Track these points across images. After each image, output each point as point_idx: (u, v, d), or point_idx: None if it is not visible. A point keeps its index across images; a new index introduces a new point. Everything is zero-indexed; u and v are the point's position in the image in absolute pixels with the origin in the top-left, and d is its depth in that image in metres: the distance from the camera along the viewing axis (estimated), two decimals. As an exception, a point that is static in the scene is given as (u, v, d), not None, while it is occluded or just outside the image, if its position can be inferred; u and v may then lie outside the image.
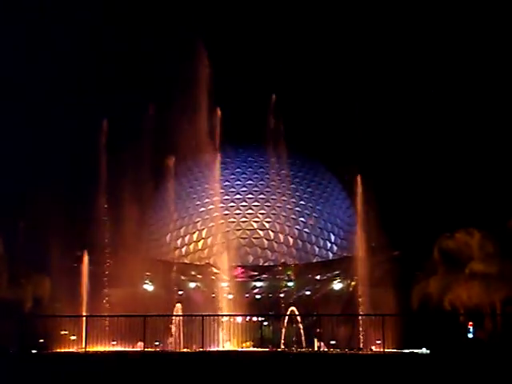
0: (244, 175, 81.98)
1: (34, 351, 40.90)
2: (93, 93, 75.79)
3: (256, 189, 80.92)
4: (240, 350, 47.80)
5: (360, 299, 53.95)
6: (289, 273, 68.15)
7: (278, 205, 79.52)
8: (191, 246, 78.35)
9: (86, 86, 75.41)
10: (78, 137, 67.81)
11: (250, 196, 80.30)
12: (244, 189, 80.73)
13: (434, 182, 70.00)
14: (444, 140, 73.32)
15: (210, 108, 58.00)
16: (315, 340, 50.83)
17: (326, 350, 47.16)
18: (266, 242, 78.23)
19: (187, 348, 45.54)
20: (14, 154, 66.18)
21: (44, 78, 73.47)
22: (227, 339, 49.38)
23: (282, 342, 50.75)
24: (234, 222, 77.76)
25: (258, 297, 72.27)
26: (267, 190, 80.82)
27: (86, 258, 54.26)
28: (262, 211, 79.48)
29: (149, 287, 65.68)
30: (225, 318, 49.76)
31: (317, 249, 78.55)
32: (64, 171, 58.09)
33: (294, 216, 79.07)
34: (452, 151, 72.31)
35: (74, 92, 74.56)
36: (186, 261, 75.71)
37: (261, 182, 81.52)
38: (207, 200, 77.50)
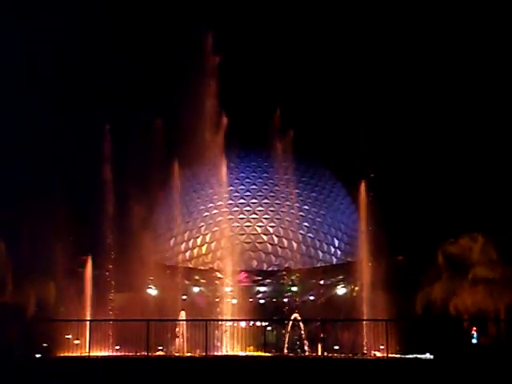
0: (248, 180, 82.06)
1: (37, 355, 40.98)
2: (97, 98, 76.03)
3: (260, 193, 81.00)
4: (243, 354, 47.82)
5: (364, 304, 53.92)
6: (293, 277, 68.09)
7: (282, 209, 79.58)
8: (195, 251, 78.42)
9: (93, 94, 75.67)
10: (81, 141, 68.05)
11: (253, 201, 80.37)
12: (248, 193, 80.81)
13: (438, 187, 69.98)
14: (448, 145, 73.32)
15: (215, 112, 58.05)
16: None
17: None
18: (269, 246, 78.28)
19: (191, 353, 45.55)
20: (16, 156, 66.36)
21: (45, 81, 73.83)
22: (231, 344, 49.37)
23: (286, 346, 50.73)
24: (237, 226, 77.82)
25: (261, 301, 72.27)
26: (271, 194, 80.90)
27: (89, 263, 54.35)
28: (266, 216, 79.54)
29: (152, 292, 65.68)
30: (228, 323, 49.74)
31: (321, 254, 78.56)
32: (68, 176, 58.15)
33: (297, 221, 79.08)
34: (456, 157, 72.31)
35: (81, 98, 74.80)
36: (189, 265, 75.77)
37: (265, 187, 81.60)
38: (211, 205, 77.55)
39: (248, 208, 79.84)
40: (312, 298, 71.58)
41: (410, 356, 41.75)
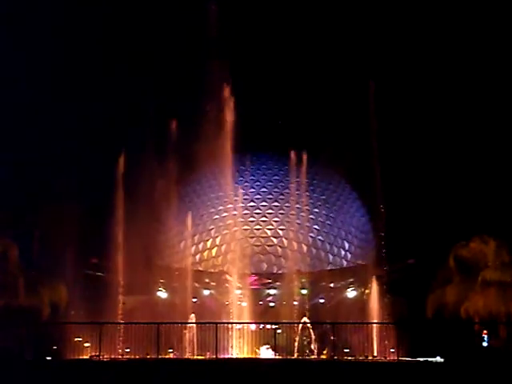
0: (258, 183, 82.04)
1: (48, 358, 41.09)
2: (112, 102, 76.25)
3: (270, 196, 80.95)
4: (254, 357, 47.81)
5: (374, 307, 53.84)
6: (303, 280, 68.00)
7: (292, 212, 79.44)
8: (205, 254, 78.44)
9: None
10: (91, 145, 68.33)
11: (263, 203, 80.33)
12: (258, 196, 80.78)
13: (449, 190, 69.78)
14: (460, 149, 73.11)
15: (225, 115, 58.12)
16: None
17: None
18: (279, 249, 78.17)
19: (201, 355, 45.56)
20: (27, 161, 66.63)
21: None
22: (240, 347, 49.36)
23: (296, 349, 50.67)
24: (247, 229, 77.76)
25: (271, 304, 72.24)
26: (281, 197, 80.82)
27: (100, 265, 54.56)
28: (276, 219, 79.47)
29: (162, 294, 65.80)
30: (238, 326, 49.72)
31: (331, 256, 78.42)
32: (79, 178, 58.37)
33: (308, 223, 78.98)
34: (468, 160, 72.09)
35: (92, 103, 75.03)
36: (199, 268, 75.79)
37: (275, 190, 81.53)
38: (221, 207, 77.63)
39: (258, 211, 79.81)
40: (322, 300, 71.49)
41: (421, 359, 41.61)
